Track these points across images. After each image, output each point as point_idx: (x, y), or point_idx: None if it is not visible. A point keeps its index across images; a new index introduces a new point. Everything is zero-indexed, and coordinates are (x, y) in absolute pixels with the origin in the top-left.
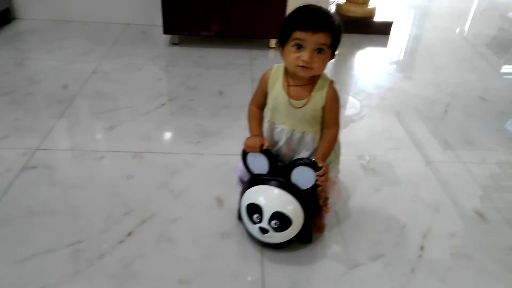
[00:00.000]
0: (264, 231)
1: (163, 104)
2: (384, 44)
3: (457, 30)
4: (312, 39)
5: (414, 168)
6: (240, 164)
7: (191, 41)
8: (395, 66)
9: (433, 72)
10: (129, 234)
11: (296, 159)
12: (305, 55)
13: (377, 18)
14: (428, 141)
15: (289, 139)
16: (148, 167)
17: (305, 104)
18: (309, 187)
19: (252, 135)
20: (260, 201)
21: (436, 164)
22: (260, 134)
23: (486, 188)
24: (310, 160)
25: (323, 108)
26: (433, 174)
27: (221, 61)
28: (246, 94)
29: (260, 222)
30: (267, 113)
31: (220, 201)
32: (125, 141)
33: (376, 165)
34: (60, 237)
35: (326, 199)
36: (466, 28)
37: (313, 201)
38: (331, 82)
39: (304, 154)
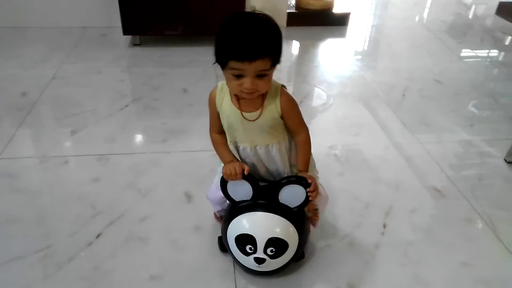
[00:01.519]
0: (260, 261)
1: (126, 106)
2: (343, 34)
3: (416, 18)
4: (251, 68)
5: (375, 152)
6: (214, 196)
7: (153, 41)
8: (354, 55)
9: (391, 59)
10: (98, 235)
11: (282, 178)
12: (246, 82)
13: (336, 9)
14: (388, 125)
15: (256, 156)
16: (114, 169)
17: (259, 116)
18: (299, 204)
19: (226, 162)
20: (251, 230)
21: (395, 146)
22: (234, 159)
23: (443, 166)
24: (297, 176)
25: (282, 117)
26: (393, 156)
27: (184, 60)
28: (208, 89)
29: (254, 252)
30: (227, 134)
31: (188, 197)
32: (89, 145)
33: (339, 151)
34: (27, 244)
35: (316, 209)
36: (425, 15)
37: (304, 218)
38: (282, 87)
39: (278, 167)
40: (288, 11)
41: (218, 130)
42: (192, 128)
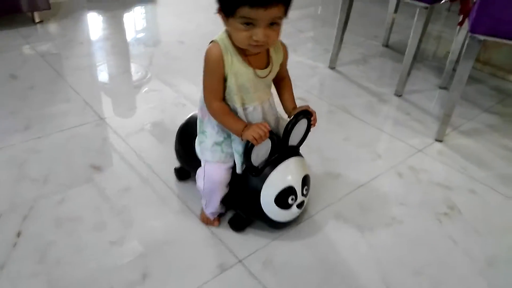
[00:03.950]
0: (301, 205)
1: None
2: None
3: None
4: (265, 15)
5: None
6: (221, 175)
7: None
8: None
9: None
10: (19, 234)
11: (289, 122)
12: (258, 33)
13: None
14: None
15: (262, 113)
16: None
17: (270, 71)
18: (302, 136)
19: (240, 129)
20: (289, 181)
21: None
22: (246, 123)
23: None
24: (303, 111)
25: (280, 65)
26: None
27: None
28: (43, 71)
29: (295, 200)
30: (232, 98)
31: (96, 168)
32: None
33: None
34: None
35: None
36: None
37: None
38: None
39: (274, 117)
40: None
41: (221, 97)
42: (52, 109)
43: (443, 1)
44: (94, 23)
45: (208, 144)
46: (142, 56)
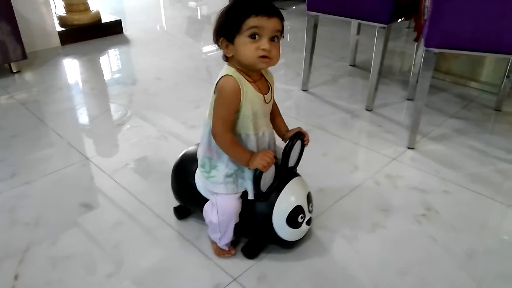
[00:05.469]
0: (309, 221)
1: None
2: (125, 41)
3: (158, 27)
4: (269, 25)
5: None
6: (234, 206)
7: None
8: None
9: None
10: (16, 277)
11: (286, 145)
12: (264, 43)
13: (104, 20)
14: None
15: (270, 139)
16: None
17: (271, 97)
18: (298, 157)
19: (247, 158)
20: (296, 201)
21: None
22: (251, 153)
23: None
24: (296, 134)
25: None
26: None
27: None
28: (25, 118)
29: (304, 217)
30: (247, 125)
31: (87, 206)
32: None
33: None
34: None
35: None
36: (164, 23)
37: None
38: None
39: (273, 145)
40: (59, 30)
41: (231, 128)
42: (37, 154)
43: (399, 20)
44: (71, 68)
45: (220, 178)
46: (122, 95)
